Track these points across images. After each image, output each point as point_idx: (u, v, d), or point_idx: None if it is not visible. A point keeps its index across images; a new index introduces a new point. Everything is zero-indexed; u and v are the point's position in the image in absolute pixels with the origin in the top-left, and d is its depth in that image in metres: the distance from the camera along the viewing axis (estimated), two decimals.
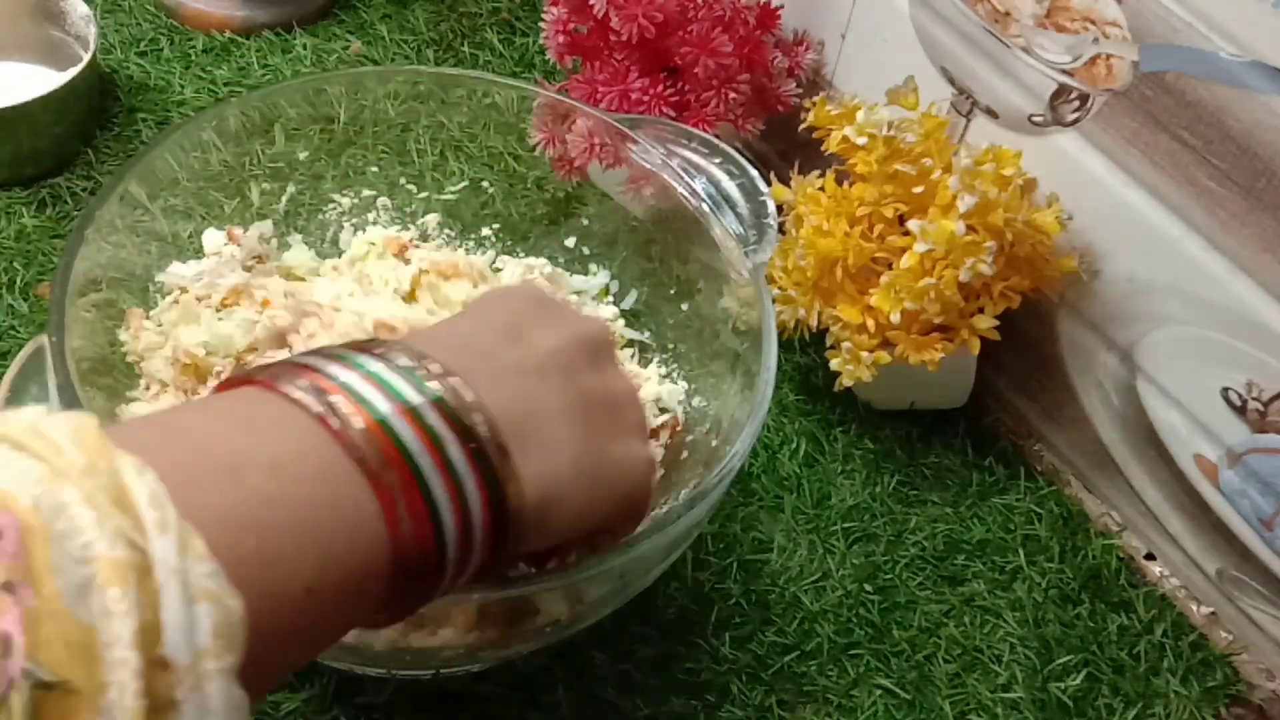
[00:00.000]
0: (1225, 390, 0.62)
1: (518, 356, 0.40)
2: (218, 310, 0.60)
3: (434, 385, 0.36)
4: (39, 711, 0.25)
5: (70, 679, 0.25)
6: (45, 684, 0.25)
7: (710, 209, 0.59)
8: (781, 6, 0.75)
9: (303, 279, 0.65)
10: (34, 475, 0.27)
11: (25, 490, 0.27)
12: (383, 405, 0.35)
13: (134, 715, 0.26)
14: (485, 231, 0.70)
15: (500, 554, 0.38)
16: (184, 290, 0.59)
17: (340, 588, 0.33)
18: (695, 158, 0.61)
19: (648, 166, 0.62)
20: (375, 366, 0.36)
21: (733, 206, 0.59)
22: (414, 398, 0.35)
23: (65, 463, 0.28)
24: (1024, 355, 0.72)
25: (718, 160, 0.60)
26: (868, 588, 0.66)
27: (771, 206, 0.59)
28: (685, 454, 0.61)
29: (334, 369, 0.35)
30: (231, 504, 0.30)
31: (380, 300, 0.61)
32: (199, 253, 0.62)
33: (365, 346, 0.37)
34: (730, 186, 0.59)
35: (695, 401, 0.63)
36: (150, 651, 0.26)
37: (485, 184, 0.70)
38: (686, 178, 0.60)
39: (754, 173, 0.60)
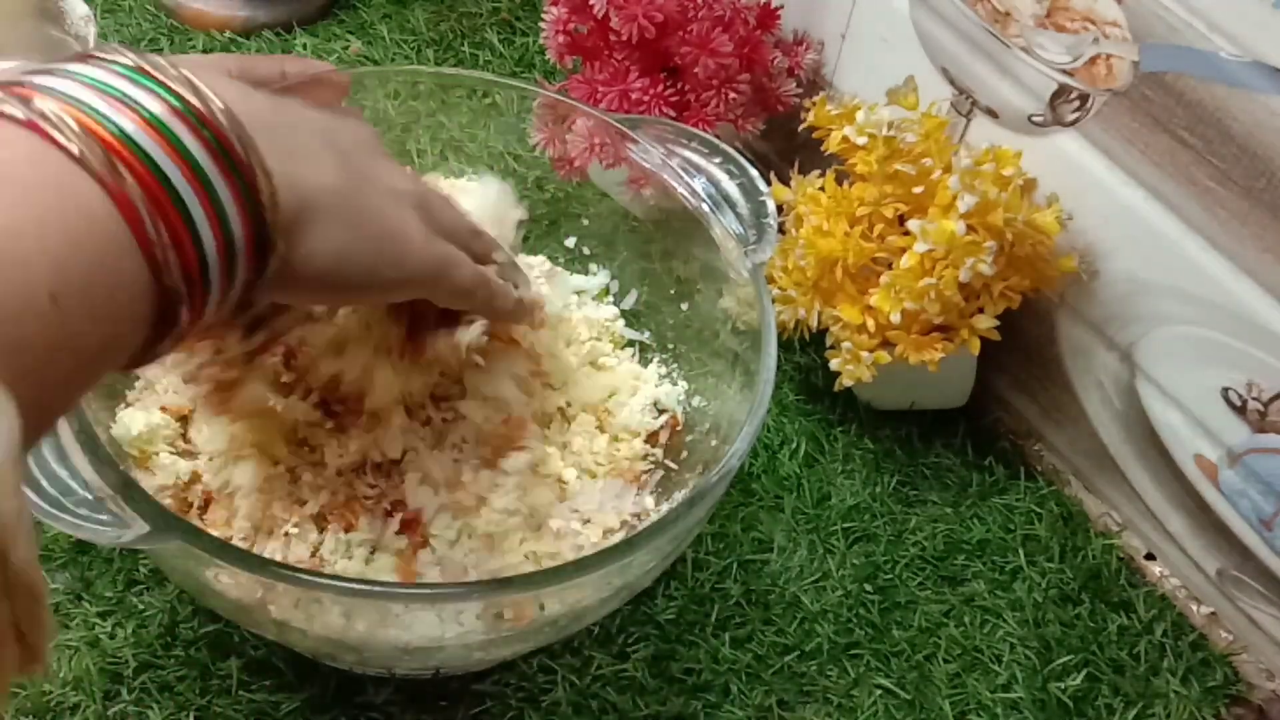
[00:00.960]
0: (1225, 390, 0.62)
1: (267, 105, 0.39)
2: None
3: (169, 86, 0.34)
4: None
5: None
6: None
7: (710, 209, 0.59)
8: (781, 6, 0.75)
9: None
10: None
11: None
12: (106, 108, 0.33)
13: None
14: None
15: (263, 267, 0.37)
16: None
17: (89, 296, 0.31)
18: (695, 158, 0.61)
19: (648, 166, 0.62)
20: (98, 74, 0.34)
21: (733, 206, 0.59)
22: (152, 101, 0.34)
23: None
24: (1024, 355, 0.72)
25: (718, 160, 0.60)
26: (868, 588, 0.66)
27: (771, 206, 0.59)
28: (685, 454, 0.61)
29: (45, 80, 0.33)
30: None
31: None
32: None
33: (84, 55, 0.35)
34: (730, 186, 0.59)
35: (695, 402, 0.64)
36: None
37: None
38: (686, 177, 0.60)
39: (754, 172, 0.60)
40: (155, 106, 0.33)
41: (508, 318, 0.52)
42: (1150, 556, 0.71)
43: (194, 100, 0.34)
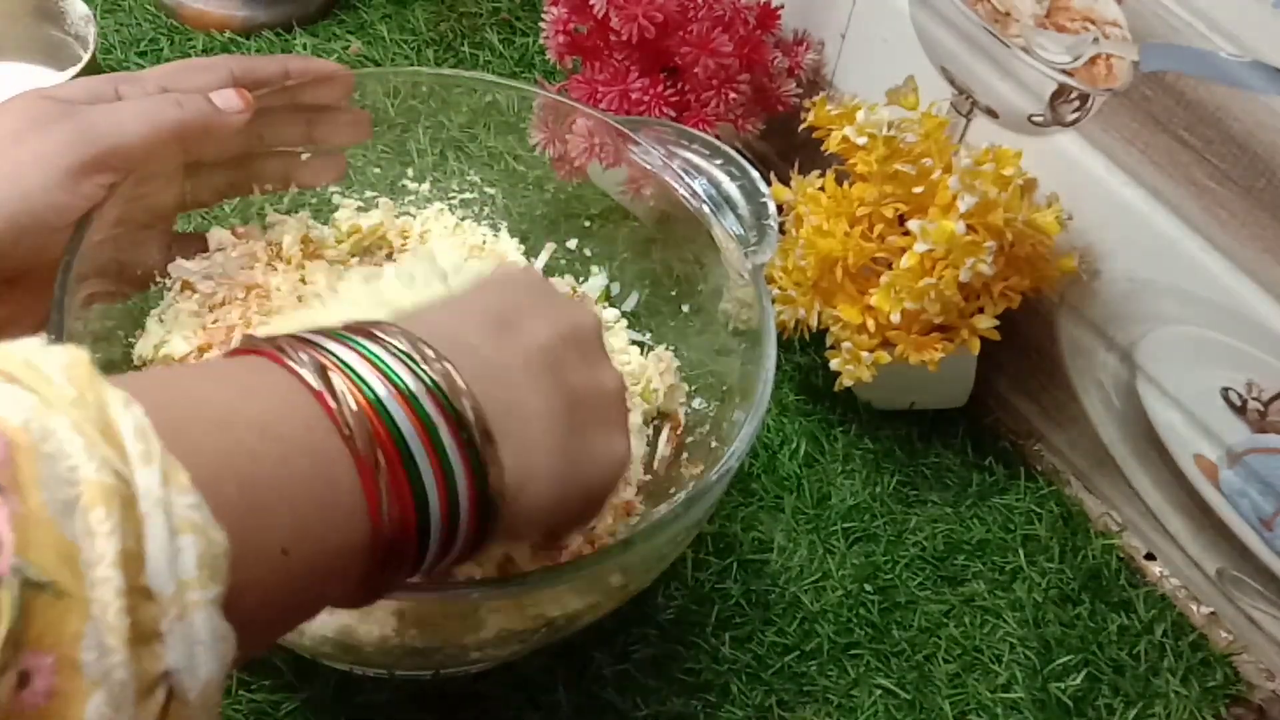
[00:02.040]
0: (1225, 390, 0.62)
1: (507, 349, 0.41)
2: (213, 310, 0.60)
3: (428, 371, 0.37)
4: (29, 612, 0.25)
5: (59, 581, 0.25)
6: (35, 583, 0.25)
7: (711, 211, 0.59)
8: (781, 6, 0.75)
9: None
10: (25, 403, 0.27)
11: (16, 413, 0.27)
12: (379, 388, 0.35)
13: (119, 634, 0.26)
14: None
15: (483, 539, 0.39)
16: (188, 286, 0.59)
17: (316, 555, 0.33)
18: (696, 159, 0.61)
19: (649, 168, 0.61)
20: (374, 349, 0.37)
21: (733, 208, 0.59)
22: (410, 383, 0.36)
23: (55, 394, 0.28)
24: (1024, 355, 0.72)
25: (719, 162, 0.60)
26: (868, 588, 0.66)
27: (772, 208, 0.59)
28: (685, 455, 0.61)
29: (334, 347, 0.36)
30: (215, 451, 0.30)
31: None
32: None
33: (364, 329, 0.38)
34: (731, 188, 0.59)
35: (695, 403, 0.63)
36: (134, 580, 0.26)
37: (485, 184, 0.70)
38: (688, 179, 0.60)
39: (755, 174, 0.60)
40: (411, 384, 0.36)
41: None
42: (1150, 556, 0.71)
43: (445, 385, 0.37)
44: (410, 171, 0.69)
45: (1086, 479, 0.73)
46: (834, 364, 0.67)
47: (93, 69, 0.77)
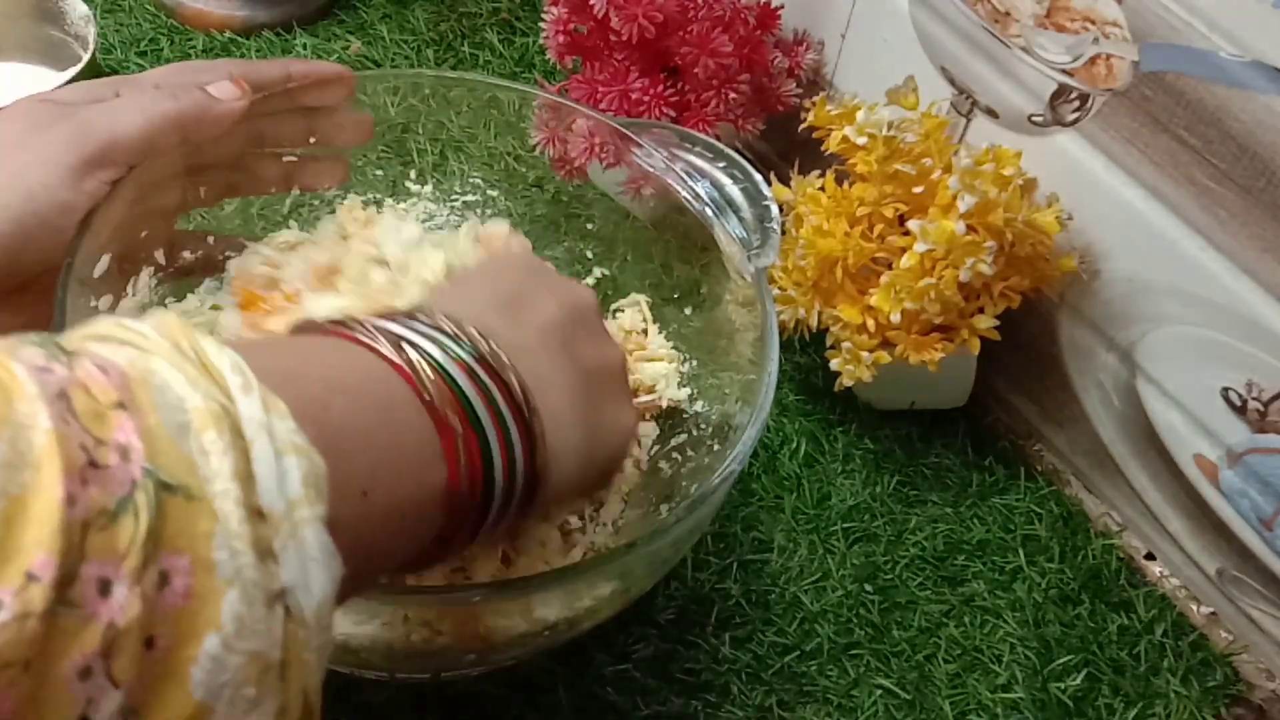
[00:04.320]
0: (1225, 390, 0.62)
1: (522, 328, 0.43)
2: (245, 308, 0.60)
3: (477, 347, 0.39)
4: (164, 512, 0.26)
5: (189, 485, 0.26)
6: (167, 485, 0.26)
7: (714, 213, 0.59)
8: (781, 6, 0.75)
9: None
10: (125, 352, 0.29)
11: (120, 356, 0.28)
12: (443, 358, 0.38)
13: (244, 539, 0.27)
14: None
15: (528, 506, 0.41)
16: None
17: (394, 502, 0.34)
18: (699, 162, 0.61)
19: (651, 170, 0.61)
20: (427, 327, 0.39)
21: (736, 211, 0.59)
22: (467, 356, 0.39)
23: (151, 343, 0.29)
24: (1024, 355, 0.72)
25: (721, 165, 0.60)
26: (868, 588, 0.66)
27: (775, 211, 0.59)
28: (687, 457, 0.61)
29: (396, 327, 0.38)
30: (299, 395, 0.31)
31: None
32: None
33: (413, 314, 0.40)
34: (734, 191, 0.59)
35: (697, 406, 0.63)
36: (248, 498, 0.27)
37: (485, 184, 0.70)
38: (690, 182, 0.60)
39: (758, 177, 0.60)
40: (468, 358, 0.39)
41: None
42: (1150, 556, 0.71)
43: (492, 359, 0.40)
44: (411, 173, 0.69)
45: (1086, 479, 0.73)
46: (834, 364, 0.67)
47: (93, 69, 0.77)
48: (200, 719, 0.26)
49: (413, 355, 0.37)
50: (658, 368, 0.65)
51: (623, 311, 0.68)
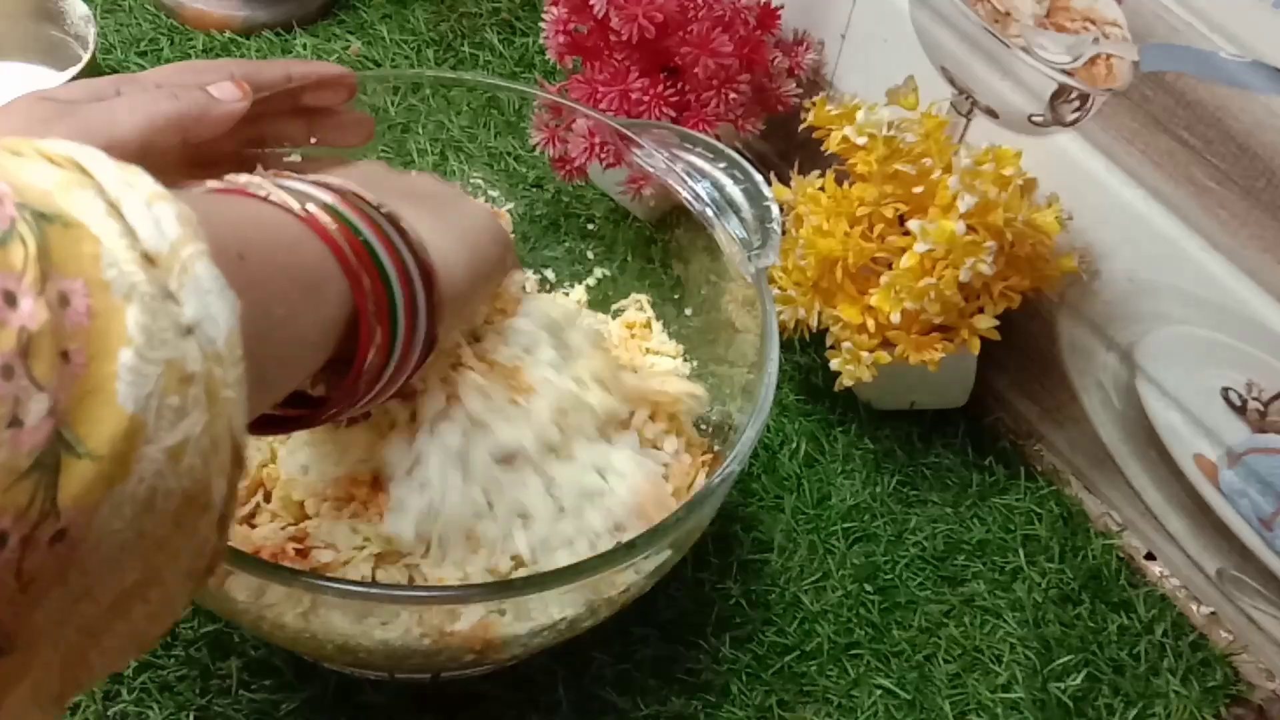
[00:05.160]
0: (1225, 390, 0.62)
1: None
2: None
3: (339, 182, 0.42)
4: (47, 238, 0.26)
5: (66, 213, 0.27)
6: (44, 215, 0.27)
7: (714, 214, 0.59)
8: (781, 6, 0.75)
9: None
10: None
11: None
12: (320, 193, 0.40)
13: (131, 260, 0.28)
14: None
15: (434, 313, 0.43)
16: None
17: (274, 266, 0.36)
18: (699, 162, 0.61)
19: (652, 171, 0.61)
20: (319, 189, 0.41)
21: (736, 211, 0.59)
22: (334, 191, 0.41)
23: (14, 144, 0.30)
24: (1024, 355, 0.72)
25: (722, 165, 0.60)
26: (868, 588, 0.66)
27: (776, 212, 0.59)
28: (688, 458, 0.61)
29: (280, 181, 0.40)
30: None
31: None
32: None
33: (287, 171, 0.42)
34: (735, 191, 0.59)
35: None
36: (130, 242, 0.28)
37: (486, 184, 0.70)
38: (691, 182, 0.60)
39: (759, 178, 0.60)
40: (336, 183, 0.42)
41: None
42: (1150, 556, 0.71)
43: (365, 205, 0.42)
44: (412, 173, 0.69)
45: (1086, 479, 0.73)
46: (834, 364, 0.67)
47: (93, 69, 0.77)
48: (136, 431, 0.27)
49: (286, 193, 0.39)
50: (663, 362, 0.65)
51: (624, 311, 0.68)
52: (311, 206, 0.39)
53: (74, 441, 0.26)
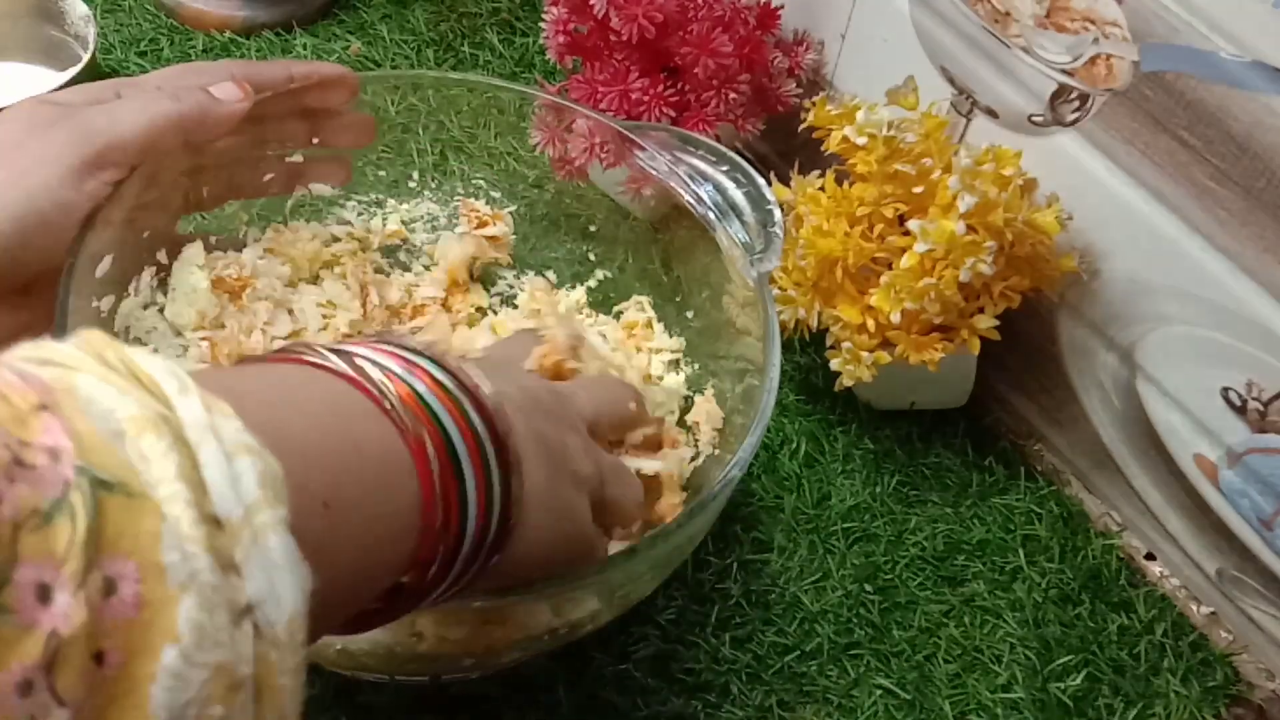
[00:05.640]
0: (1225, 390, 0.62)
1: (500, 382, 0.41)
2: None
3: (456, 376, 0.37)
4: (103, 511, 0.23)
5: (128, 482, 0.24)
6: (104, 483, 0.24)
7: (716, 216, 0.59)
8: (781, 6, 0.75)
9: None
10: (46, 370, 0.26)
11: (44, 373, 0.26)
12: (418, 383, 0.35)
13: (197, 541, 0.24)
14: None
15: (496, 555, 0.38)
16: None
17: (360, 514, 0.32)
18: (702, 165, 0.61)
19: (654, 173, 0.61)
20: (402, 350, 0.37)
21: (739, 215, 0.59)
22: (446, 381, 0.36)
23: (74, 358, 0.26)
24: (1024, 355, 0.72)
25: (724, 168, 0.60)
26: (868, 588, 0.66)
27: (778, 215, 0.59)
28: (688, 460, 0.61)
29: (362, 349, 0.36)
30: (243, 406, 0.28)
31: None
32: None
33: (381, 336, 0.38)
34: (737, 194, 0.59)
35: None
36: (200, 505, 0.25)
37: (486, 184, 0.70)
38: (693, 185, 0.60)
39: (761, 181, 0.60)
40: (444, 378, 0.36)
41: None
42: (1150, 556, 0.71)
43: (469, 384, 0.37)
44: (413, 173, 0.69)
45: (1086, 479, 0.73)
46: (834, 364, 0.67)
47: (93, 69, 0.77)
48: None
49: (365, 366, 0.35)
50: (664, 359, 0.65)
51: (625, 312, 0.68)
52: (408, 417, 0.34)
53: None
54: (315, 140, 0.62)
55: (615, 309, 0.68)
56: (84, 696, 0.22)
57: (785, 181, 0.70)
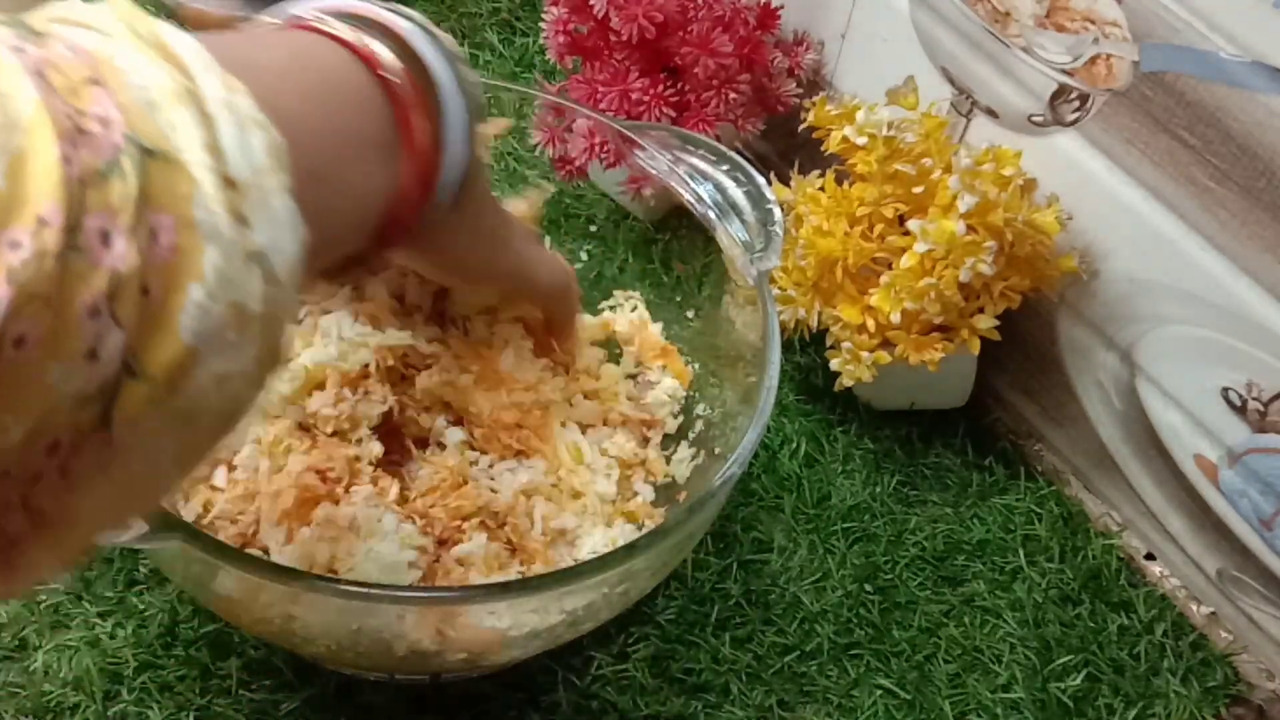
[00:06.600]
0: (1225, 390, 0.62)
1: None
2: None
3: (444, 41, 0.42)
4: (148, 174, 0.28)
5: (167, 150, 0.28)
6: (148, 150, 0.28)
7: (716, 216, 0.59)
8: (781, 6, 0.75)
9: None
10: (89, 35, 0.30)
11: (88, 40, 0.29)
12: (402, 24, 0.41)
13: (219, 201, 0.29)
14: None
15: (471, 188, 0.43)
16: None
17: (341, 180, 0.37)
18: (702, 164, 0.61)
19: (654, 173, 0.61)
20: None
21: (739, 214, 0.59)
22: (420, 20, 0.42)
23: (111, 26, 0.30)
24: (1024, 355, 0.72)
25: (724, 168, 0.60)
26: (868, 588, 0.66)
27: (779, 214, 0.59)
28: (690, 460, 0.61)
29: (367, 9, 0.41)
30: (253, 82, 0.33)
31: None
32: None
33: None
34: (737, 194, 0.59)
35: (699, 408, 0.63)
36: (219, 168, 0.29)
37: None
38: (693, 184, 0.60)
39: (761, 180, 0.60)
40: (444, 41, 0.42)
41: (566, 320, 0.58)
42: (1150, 556, 0.71)
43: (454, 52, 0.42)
44: None
45: (1086, 479, 0.73)
46: (834, 364, 0.67)
47: None
48: (188, 360, 0.29)
49: (366, 38, 0.40)
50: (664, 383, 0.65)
51: (619, 306, 0.67)
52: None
53: (135, 366, 0.27)
54: None
55: (605, 304, 0.68)
56: (135, 321, 0.27)
57: (785, 181, 0.70)
